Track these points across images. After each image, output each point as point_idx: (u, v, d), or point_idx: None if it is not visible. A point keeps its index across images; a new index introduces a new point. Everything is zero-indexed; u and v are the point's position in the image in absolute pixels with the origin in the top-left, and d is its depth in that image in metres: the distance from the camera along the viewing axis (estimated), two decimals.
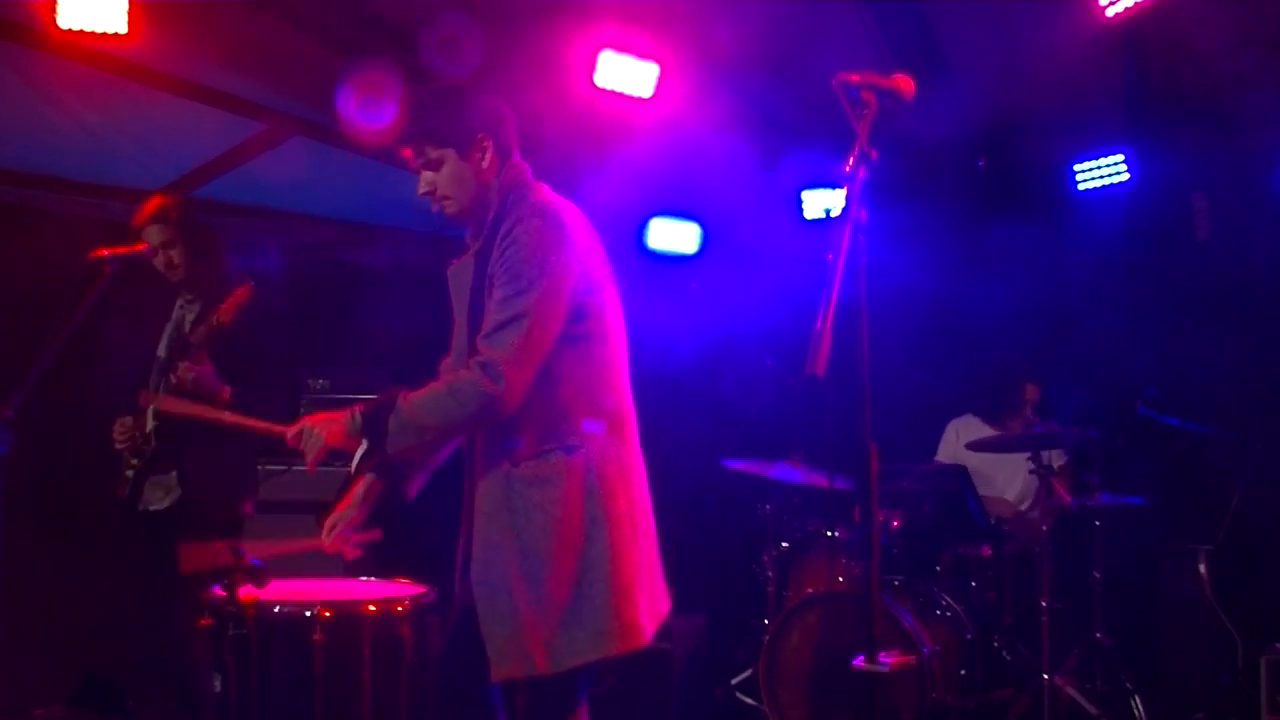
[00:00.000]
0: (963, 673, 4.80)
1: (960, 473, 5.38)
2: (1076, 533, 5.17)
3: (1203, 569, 5.29)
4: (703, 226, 6.85)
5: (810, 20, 5.08)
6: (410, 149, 2.96)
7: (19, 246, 5.56)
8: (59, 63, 4.75)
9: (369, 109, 4.88)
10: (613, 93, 5.14)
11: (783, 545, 5.54)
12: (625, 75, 5.13)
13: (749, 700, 5.44)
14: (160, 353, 4.35)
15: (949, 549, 5.19)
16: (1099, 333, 5.85)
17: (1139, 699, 4.92)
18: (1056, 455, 5.39)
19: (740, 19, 4.98)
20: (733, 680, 5.56)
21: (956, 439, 5.83)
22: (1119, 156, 5.95)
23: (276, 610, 3.06)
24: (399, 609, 3.16)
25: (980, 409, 5.86)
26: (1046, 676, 4.71)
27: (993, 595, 5.12)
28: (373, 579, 3.56)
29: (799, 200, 6.61)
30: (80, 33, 4.43)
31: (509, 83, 4.38)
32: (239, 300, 3.94)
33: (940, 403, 5.97)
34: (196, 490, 4.20)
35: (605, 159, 5.54)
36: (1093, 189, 6.05)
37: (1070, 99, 5.80)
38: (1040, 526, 4.89)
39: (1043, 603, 4.77)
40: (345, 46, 4.99)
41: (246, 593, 2.97)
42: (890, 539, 5.11)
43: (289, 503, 5.14)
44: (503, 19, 4.92)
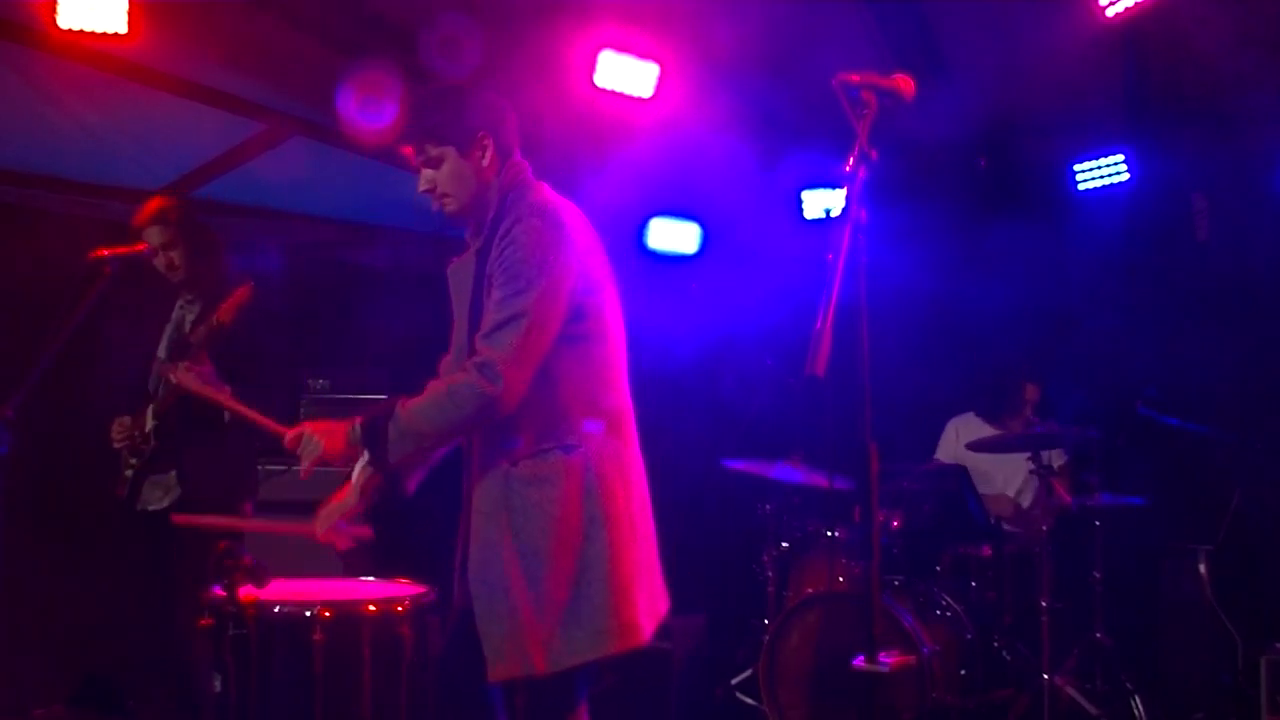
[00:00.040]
0: (963, 673, 4.80)
1: (960, 472, 5.38)
2: (1076, 533, 5.17)
3: (1203, 569, 5.29)
4: (703, 226, 6.85)
5: (810, 20, 5.08)
6: (411, 146, 2.96)
7: (19, 246, 5.55)
8: (59, 63, 4.75)
9: (369, 109, 4.88)
10: (613, 93, 5.14)
11: (783, 545, 5.54)
12: (625, 75, 5.13)
13: (749, 700, 5.43)
14: (160, 353, 4.35)
15: (949, 549, 5.19)
16: (1099, 333, 5.85)
17: (1139, 699, 4.92)
18: (1056, 455, 5.39)
19: (740, 19, 4.98)
20: (733, 680, 5.56)
21: (956, 438, 5.82)
22: (1119, 156, 5.95)
23: (276, 610, 3.07)
24: (399, 609, 3.17)
25: (980, 408, 5.86)
26: (1046, 676, 4.71)
27: (993, 595, 5.12)
28: (373, 579, 3.56)
29: (799, 200, 6.61)
30: (80, 33, 4.43)
31: (509, 83, 4.37)
32: (239, 300, 3.93)
33: (940, 403, 5.97)
34: (196, 490, 4.19)
35: (605, 159, 5.54)
36: (1093, 189, 6.05)
37: (1070, 99, 5.80)
38: (1040, 526, 4.90)
39: (1043, 603, 4.77)
40: (345, 46, 4.99)
41: (246, 593, 2.97)
42: (890, 539, 5.11)
43: (289, 503, 5.10)
44: (503, 19, 4.92)
